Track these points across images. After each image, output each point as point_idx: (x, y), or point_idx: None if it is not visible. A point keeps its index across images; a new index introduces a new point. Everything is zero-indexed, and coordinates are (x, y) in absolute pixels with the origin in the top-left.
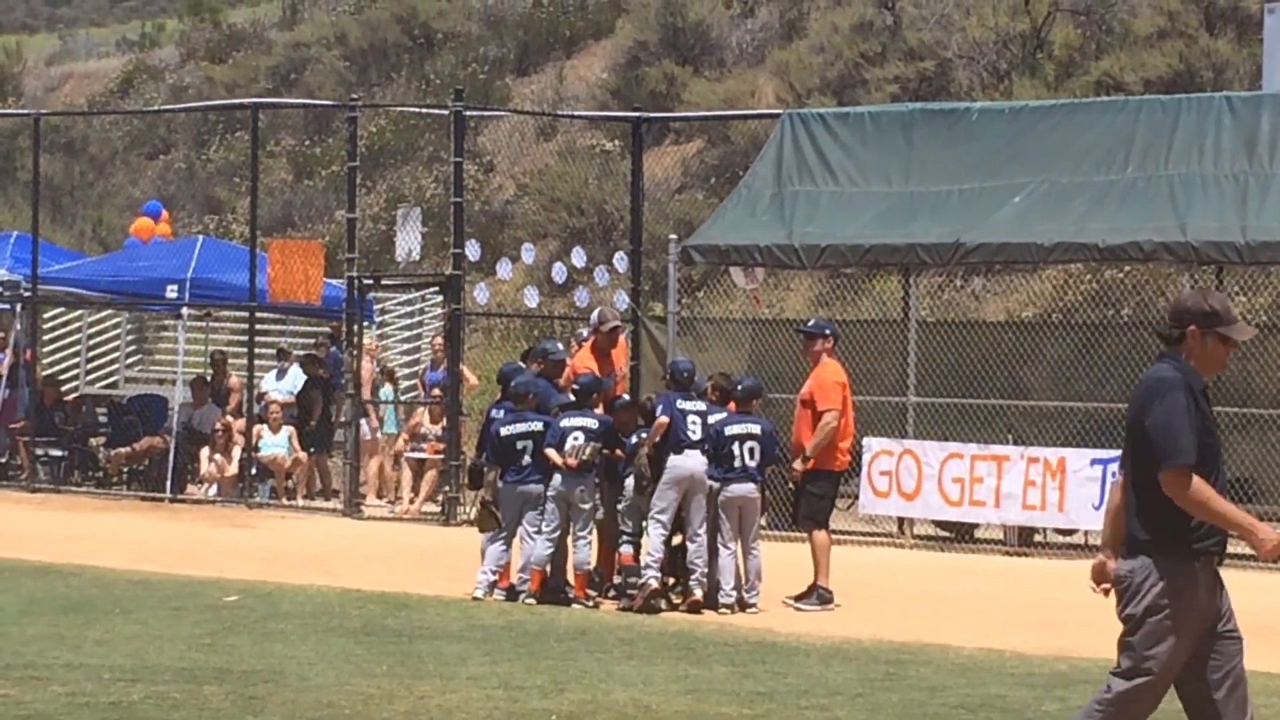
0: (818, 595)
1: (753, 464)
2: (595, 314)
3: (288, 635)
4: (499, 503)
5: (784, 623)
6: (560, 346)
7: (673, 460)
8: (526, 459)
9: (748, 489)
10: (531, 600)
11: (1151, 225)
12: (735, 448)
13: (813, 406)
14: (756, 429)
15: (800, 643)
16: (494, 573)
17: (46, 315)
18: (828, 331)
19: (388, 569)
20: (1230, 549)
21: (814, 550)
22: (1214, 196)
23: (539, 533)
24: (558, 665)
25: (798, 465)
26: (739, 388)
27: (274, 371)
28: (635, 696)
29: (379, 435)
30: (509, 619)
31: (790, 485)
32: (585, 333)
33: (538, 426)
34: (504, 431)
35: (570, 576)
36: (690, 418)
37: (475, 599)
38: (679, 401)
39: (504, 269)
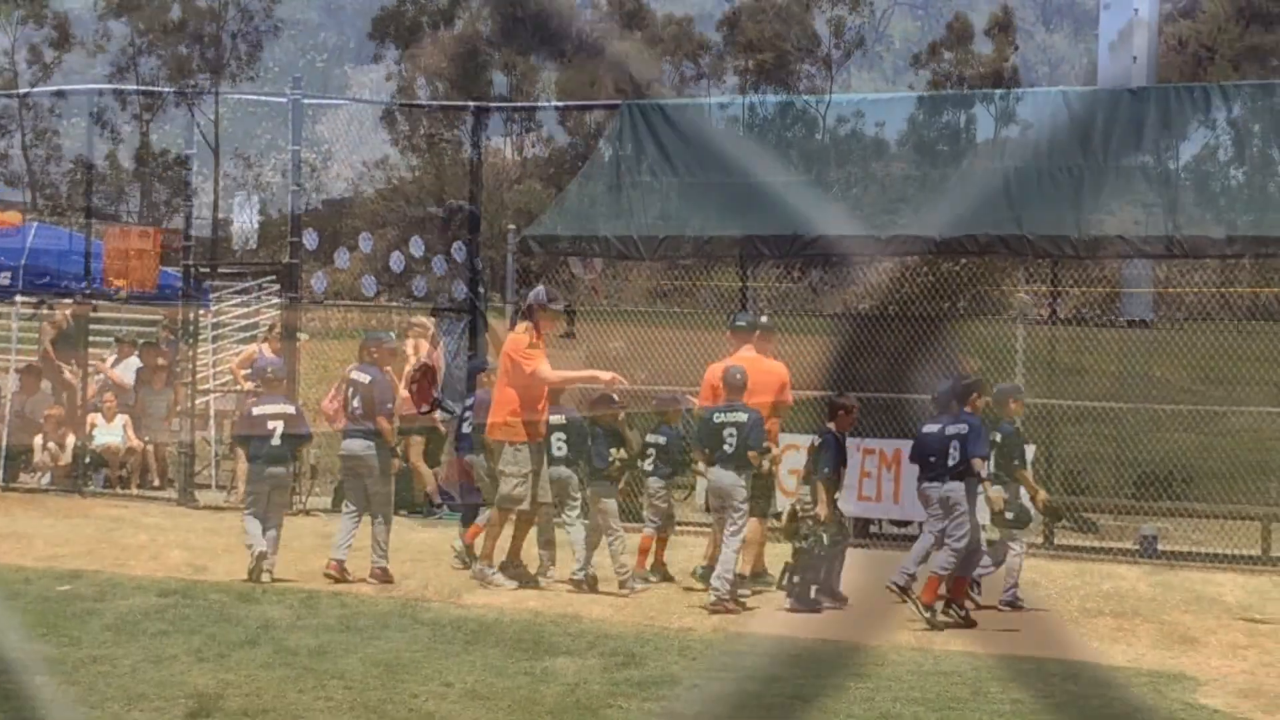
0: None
1: None
2: (536, 292)
3: (121, 624)
4: (250, 481)
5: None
6: (392, 335)
7: None
8: (276, 440)
9: None
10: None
11: (988, 219)
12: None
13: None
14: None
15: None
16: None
17: None
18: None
19: (225, 557)
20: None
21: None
22: (1049, 190)
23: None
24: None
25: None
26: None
27: (111, 360)
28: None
29: None
30: (344, 609)
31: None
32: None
33: (290, 410)
34: (255, 411)
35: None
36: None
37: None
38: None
39: (342, 258)
